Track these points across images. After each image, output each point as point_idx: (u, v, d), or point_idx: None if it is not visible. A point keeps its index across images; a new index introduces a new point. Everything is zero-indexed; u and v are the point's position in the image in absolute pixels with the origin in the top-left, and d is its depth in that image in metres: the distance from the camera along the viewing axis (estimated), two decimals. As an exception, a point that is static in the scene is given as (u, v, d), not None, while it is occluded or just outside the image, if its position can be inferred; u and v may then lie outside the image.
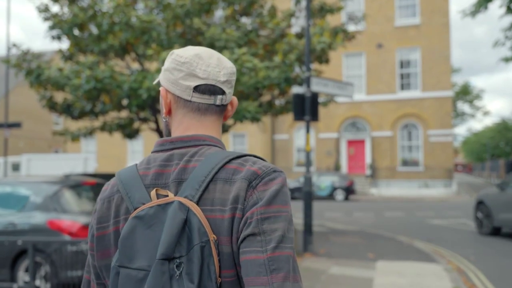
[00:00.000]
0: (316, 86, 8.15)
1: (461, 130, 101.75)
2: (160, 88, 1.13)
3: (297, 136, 28.60)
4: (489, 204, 10.33)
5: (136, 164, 1.08)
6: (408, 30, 27.11)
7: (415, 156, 26.78)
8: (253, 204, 0.94)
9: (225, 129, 11.37)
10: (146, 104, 8.84)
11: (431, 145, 26.26)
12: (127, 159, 29.91)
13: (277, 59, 8.35)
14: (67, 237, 5.80)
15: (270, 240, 0.91)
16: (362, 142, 27.76)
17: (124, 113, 11.28)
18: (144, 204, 0.98)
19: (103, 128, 11.51)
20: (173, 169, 1.02)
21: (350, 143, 28.02)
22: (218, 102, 1.09)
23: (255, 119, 9.06)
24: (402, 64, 27.39)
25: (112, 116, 11.25)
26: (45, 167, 15.64)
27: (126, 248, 0.95)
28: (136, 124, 11.80)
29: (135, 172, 1.05)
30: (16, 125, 15.82)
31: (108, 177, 12.36)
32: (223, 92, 1.09)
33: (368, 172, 26.98)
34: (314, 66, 12.92)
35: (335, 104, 28.33)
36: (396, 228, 12.06)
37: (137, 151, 29.99)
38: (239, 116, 8.68)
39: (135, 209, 0.98)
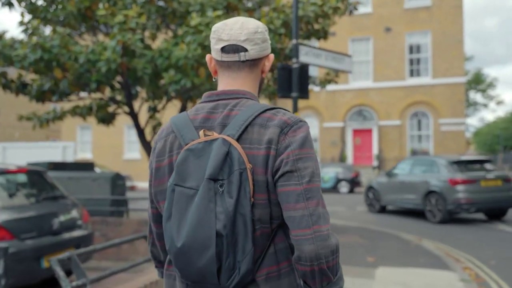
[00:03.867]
0: (305, 56, 6.78)
1: (473, 121, 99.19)
2: (207, 55, 1.40)
3: (300, 126, 27.20)
4: (378, 188, 13.03)
5: (186, 112, 1.34)
6: (418, 12, 25.51)
7: (425, 146, 25.32)
8: (286, 146, 1.19)
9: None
10: (107, 80, 7.53)
11: (442, 135, 24.76)
12: (124, 149, 28.73)
13: (260, 25, 7.01)
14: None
15: (304, 175, 1.17)
16: (369, 131, 26.33)
17: (97, 95, 10.03)
18: (194, 140, 1.24)
19: (74, 111, 10.28)
20: (218, 115, 1.28)
21: (356, 132, 26.59)
22: (242, 58, 1.31)
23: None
24: (412, 49, 25.83)
25: (86, 97, 9.98)
26: (21, 155, 14.54)
27: (181, 172, 1.21)
28: (112, 108, 10.55)
29: (186, 117, 1.31)
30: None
31: (83, 166, 11.13)
32: (245, 50, 1.31)
33: (375, 163, 25.56)
34: (318, 45, 11.57)
35: (340, 92, 27.03)
36: (403, 224, 10.70)
37: (134, 141, 28.73)
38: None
39: (186, 144, 1.24)
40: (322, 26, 9.93)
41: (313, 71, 24.69)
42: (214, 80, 1.42)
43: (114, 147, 28.76)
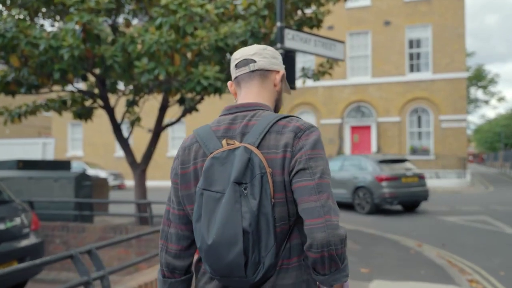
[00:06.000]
0: (291, 41, 5.99)
1: (474, 118, 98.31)
2: (228, 82, 1.60)
3: (297, 122, 26.40)
4: None
5: (209, 124, 1.47)
6: (418, 5, 24.68)
7: (425, 143, 24.54)
8: (299, 148, 1.33)
9: (193, 108, 9.34)
10: (74, 69, 6.75)
11: (443, 132, 23.98)
12: (116, 146, 27.94)
13: (240, 7, 6.24)
14: None
15: (316, 172, 1.30)
16: (367, 128, 25.54)
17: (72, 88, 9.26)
18: (217, 149, 1.36)
19: (47, 106, 9.51)
20: (238, 126, 1.41)
21: (354, 129, 25.80)
22: (252, 68, 1.49)
23: (216, 90, 6.95)
24: (412, 43, 24.99)
25: (60, 90, 9.21)
26: (0, 153, 13.74)
27: (207, 178, 1.33)
28: (89, 102, 9.77)
29: (209, 128, 1.44)
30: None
31: (58, 165, 10.39)
32: (254, 61, 1.49)
33: (373, 161, 24.80)
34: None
35: (337, 88, 26.23)
36: (401, 227, 9.94)
37: (126, 138, 27.99)
38: (192, 84, 6.58)
39: (211, 153, 1.36)
40: (315, 13, 9.16)
41: (311, 63, 23.92)
42: (235, 101, 1.55)
43: (105, 144, 28.01)
